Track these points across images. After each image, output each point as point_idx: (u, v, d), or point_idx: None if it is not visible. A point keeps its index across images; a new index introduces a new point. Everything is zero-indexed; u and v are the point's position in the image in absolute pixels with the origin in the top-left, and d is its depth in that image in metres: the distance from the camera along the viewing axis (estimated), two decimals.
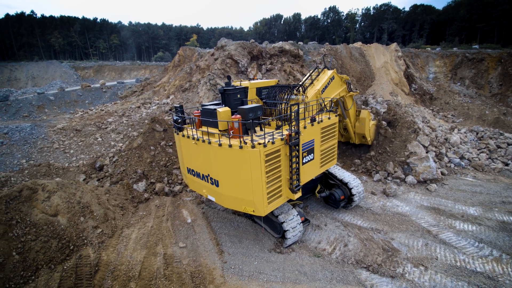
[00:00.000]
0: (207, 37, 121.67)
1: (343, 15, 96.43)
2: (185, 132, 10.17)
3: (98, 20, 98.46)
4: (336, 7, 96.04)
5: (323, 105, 11.57)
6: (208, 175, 9.45)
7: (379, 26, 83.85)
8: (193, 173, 10.40)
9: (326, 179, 13.16)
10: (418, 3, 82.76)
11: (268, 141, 8.05)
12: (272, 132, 8.69)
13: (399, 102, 26.22)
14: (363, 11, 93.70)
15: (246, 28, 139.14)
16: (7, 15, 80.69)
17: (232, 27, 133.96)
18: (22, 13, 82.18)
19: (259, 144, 7.79)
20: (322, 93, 12.64)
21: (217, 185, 9.12)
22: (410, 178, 15.31)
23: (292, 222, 9.91)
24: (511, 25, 55.22)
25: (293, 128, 8.65)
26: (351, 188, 12.11)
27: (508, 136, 20.04)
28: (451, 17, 68.14)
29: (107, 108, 31.64)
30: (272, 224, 10.76)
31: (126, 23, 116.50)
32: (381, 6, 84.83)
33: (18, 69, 64.36)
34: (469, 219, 11.98)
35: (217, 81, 24.69)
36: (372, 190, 14.59)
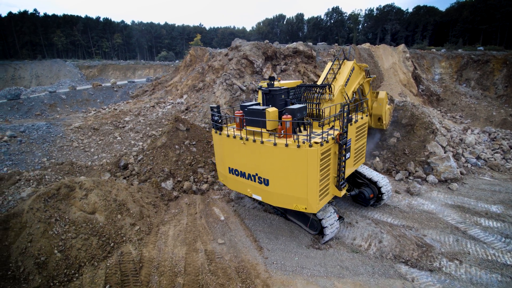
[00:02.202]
0: (210, 37, 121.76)
1: (346, 16, 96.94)
2: (230, 132, 10.30)
3: (101, 19, 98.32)
4: (339, 7, 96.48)
5: (348, 101, 11.95)
6: (256, 174, 9.66)
7: (383, 27, 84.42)
8: (237, 173, 10.54)
9: (354, 178, 13.50)
10: (421, 4, 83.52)
11: (324, 140, 8.38)
12: (327, 131, 9.01)
13: (415, 104, 26.61)
14: (366, 12, 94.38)
15: (248, 28, 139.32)
16: (10, 13, 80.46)
17: (234, 27, 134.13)
18: (25, 12, 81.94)
19: (316, 143, 8.11)
20: (345, 86, 12.90)
21: (267, 184, 9.38)
22: (431, 178, 15.70)
23: (330, 219, 10.25)
24: None
25: (344, 128, 9.02)
26: (380, 187, 12.45)
27: None
28: (454, 19, 68.75)
29: (120, 107, 31.83)
30: (308, 221, 11.08)
31: (129, 22, 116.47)
32: (384, 7, 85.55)
33: (22, 67, 64.22)
34: (493, 217, 12.38)
35: (233, 81, 24.97)
36: (395, 189, 14.96)
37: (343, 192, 9.54)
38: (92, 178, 12.70)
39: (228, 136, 10.27)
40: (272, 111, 9.18)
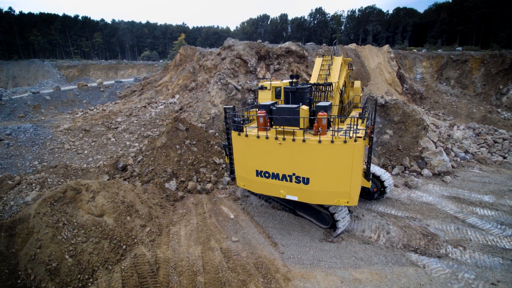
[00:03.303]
0: (193, 36, 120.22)
1: (329, 17, 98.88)
2: (261, 133, 9.73)
3: (80, 17, 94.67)
4: (322, 8, 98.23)
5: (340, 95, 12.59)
6: (294, 174, 9.42)
7: (364, 28, 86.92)
8: (267, 175, 10.04)
9: None
10: (401, 6, 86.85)
11: (365, 135, 8.88)
12: (365, 126, 9.44)
13: (406, 102, 27.72)
14: (349, 13, 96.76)
15: (232, 28, 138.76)
16: None
17: (218, 27, 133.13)
18: None
19: (359, 137, 8.48)
20: (338, 81, 13.57)
21: (306, 183, 9.28)
22: (426, 171, 16.51)
23: (341, 213, 10.62)
24: (489, 28, 59.51)
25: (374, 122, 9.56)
26: (383, 181, 12.99)
27: (502, 132, 21.96)
28: (432, 20, 72.04)
29: (109, 108, 30.93)
30: (319, 215, 11.40)
31: (109, 21, 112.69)
32: (365, 8, 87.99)
33: None
34: (486, 206, 13.25)
35: (227, 80, 24.97)
36: (394, 183, 15.59)
37: (370, 182, 9.99)
38: (97, 180, 12.39)
39: (258, 137, 9.74)
40: (306, 109, 9.37)
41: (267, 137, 9.55)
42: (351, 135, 8.62)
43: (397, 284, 8.57)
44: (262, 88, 14.20)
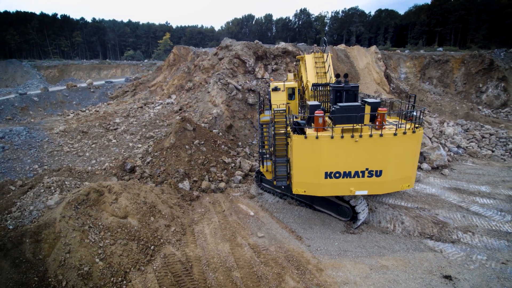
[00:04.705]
0: (177, 36, 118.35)
1: (313, 18, 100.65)
2: (335, 133, 9.60)
3: (58, 16, 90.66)
4: (307, 9, 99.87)
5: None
6: (367, 169, 9.76)
7: (348, 29, 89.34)
8: (338, 175, 10.03)
9: None
10: (383, 8, 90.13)
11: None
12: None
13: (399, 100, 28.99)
14: (333, 14, 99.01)
15: (217, 28, 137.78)
16: None
17: (202, 26, 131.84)
18: None
19: (420, 126, 9.59)
20: None
21: (379, 175, 9.78)
22: (425, 165, 17.55)
23: (361, 205, 11.26)
24: (466, 29, 63.24)
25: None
26: None
27: (488, 127, 23.63)
28: (412, 22, 75.42)
29: (102, 108, 30.18)
30: (338, 209, 11.96)
31: (89, 19, 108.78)
32: (349, 10, 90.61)
33: None
34: (484, 195, 14.37)
35: (227, 80, 25.14)
36: None
37: None
38: (118, 182, 12.29)
39: (332, 137, 9.55)
40: (368, 106, 10.16)
41: (342, 137, 9.51)
42: (416, 125, 9.74)
43: (421, 268, 9.27)
44: (276, 89, 14.51)
